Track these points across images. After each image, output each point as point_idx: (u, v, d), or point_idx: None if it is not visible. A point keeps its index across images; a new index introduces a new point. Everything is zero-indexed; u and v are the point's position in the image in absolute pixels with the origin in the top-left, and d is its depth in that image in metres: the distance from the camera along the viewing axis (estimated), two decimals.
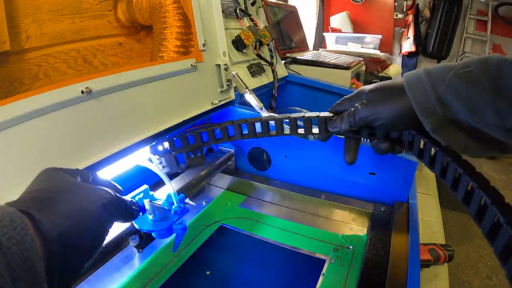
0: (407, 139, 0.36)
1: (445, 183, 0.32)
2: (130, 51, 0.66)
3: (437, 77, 0.31)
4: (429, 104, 0.31)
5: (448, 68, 0.31)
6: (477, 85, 0.29)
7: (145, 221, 0.38)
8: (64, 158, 0.34)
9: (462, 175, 0.28)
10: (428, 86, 0.31)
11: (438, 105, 0.30)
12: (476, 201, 0.27)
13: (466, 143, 0.32)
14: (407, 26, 3.41)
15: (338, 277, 0.46)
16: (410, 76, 0.33)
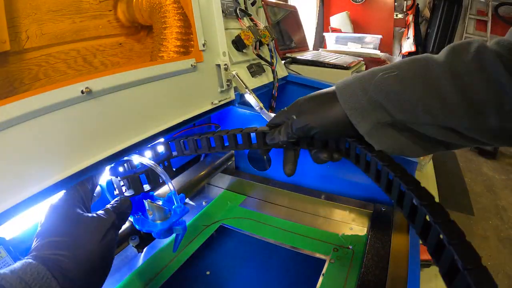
0: (343, 146, 0.37)
1: (380, 187, 0.32)
2: (130, 51, 0.66)
3: (367, 81, 0.31)
4: (361, 109, 0.31)
5: (378, 71, 0.31)
6: (405, 86, 0.29)
7: (145, 221, 0.38)
8: (64, 158, 0.34)
9: (394, 178, 0.29)
10: (359, 91, 0.31)
11: (370, 109, 0.31)
12: (407, 202, 0.28)
13: (403, 145, 0.32)
14: (407, 26, 3.41)
15: (338, 277, 0.46)
16: (341, 83, 0.33)
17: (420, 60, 0.30)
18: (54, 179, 0.33)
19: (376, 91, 0.30)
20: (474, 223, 1.97)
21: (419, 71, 0.29)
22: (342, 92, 0.32)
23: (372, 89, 0.31)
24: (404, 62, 0.31)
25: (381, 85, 0.30)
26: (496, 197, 2.25)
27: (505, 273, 1.59)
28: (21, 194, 0.30)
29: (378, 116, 0.31)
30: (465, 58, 0.28)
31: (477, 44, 0.28)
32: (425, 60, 0.30)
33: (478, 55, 0.28)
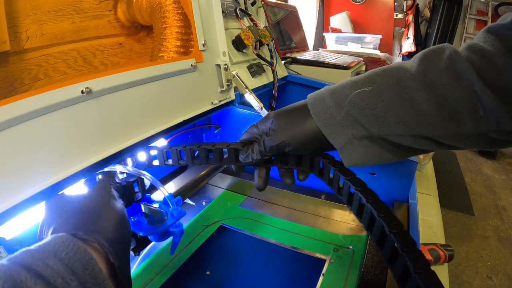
0: (318, 164, 0.37)
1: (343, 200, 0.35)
2: (130, 51, 0.66)
3: (340, 96, 0.31)
4: (337, 125, 0.31)
5: (351, 85, 0.31)
6: (380, 99, 0.29)
7: (141, 224, 0.38)
8: (64, 158, 0.34)
9: (355, 192, 0.32)
10: (333, 107, 0.31)
11: (346, 125, 0.31)
12: (367, 213, 0.30)
13: (376, 156, 0.33)
14: (407, 26, 3.41)
15: (338, 277, 0.46)
16: (313, 98, 0.33)
17: (392, 71, 0.30)
18: (54, 179, 0.33)
19: (351, 107, 0.30)
20: (474, 223, 1.97)
21: (393, 83, 0.29)
22: (315, 108, 0.32)
23: (347, 105, 0.30)
24: (377, 74, 0.31)
25: (355, 100, 0.30)
26: (496, 197, 2.25)
27: (505, 273, 1.59)
28: (21, 194, 0.30)
29: (354, 132, 0.31)
30: (437, 66, 0.28)
31: (449, 51, 0.28)
32: (397, 71, 0.30)
33: (450, 62, 0.28)
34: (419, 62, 0.29)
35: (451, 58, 0.28)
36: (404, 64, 0.30)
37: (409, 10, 3.34)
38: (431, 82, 0.28)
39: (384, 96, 0.29)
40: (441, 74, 0.28)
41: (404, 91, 0.29)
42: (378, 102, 0.30)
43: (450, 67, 0.28)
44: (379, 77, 0.30)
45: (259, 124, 0.37)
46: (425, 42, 3.53)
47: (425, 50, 0.30)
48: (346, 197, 0.34)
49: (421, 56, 0.30)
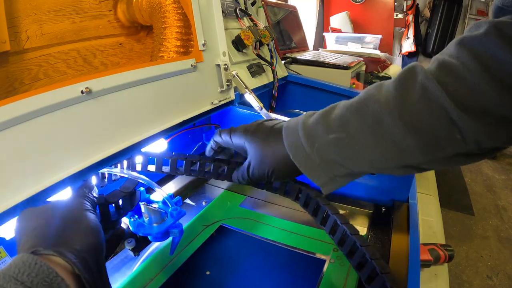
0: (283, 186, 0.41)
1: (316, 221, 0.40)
2: (130, 51, 0.66)
3: (317, 140, 0.31)
4: (317, 167, 0.32)
5: (325, 128, 0.31)
6: (357, 142, 0.30)
7: (141, 224, 0.38)
8: (64, 158, 0.34)
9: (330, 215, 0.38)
10: (311, 153, 0.31)
11: (327, 167, 0.31)
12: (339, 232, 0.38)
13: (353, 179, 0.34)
14: (407, 26, 3.41)
15: (338, 277, 0.46)
16: (291, 141, 0.33)
17: (368, 108, 0.30)
18: (54, 178, 0.33)
19: (330, 152, 0.31)
20: (474, 223, 1.97)
21: (369, 122, 0.29)
22: (294, 152, 0.32)
23: (325, 150, 0.31)
24: (351, 113, 0.30)
25: (332, 146, 0.30)
26: (496, 197, 2.25)
27: (505, 273, 1.59)
28: (21, 194, 0.30)
29: (335, 172, 0.32)
30: (411, 96, 0.28)
31: (421, 77, 0.28)
32: (373, 107, 0.29)
33: (423, 91, 0.27)
34: (394, 92, 0.29)
35: (424, 86, 0.27)
36: (379, 97, 0.30)
37: (409, 10, 3.34)
38: (407, 115, 0.28)
39: (361, 138, 0.29)
40: (415, 106, 0.27)
41: (382, 129, 0.29)
42: (356, 145, 0.30)
43: (423, 96, 0.27)
44: (353, 117, 0.30)
45: (225, 135, 0.38)
46: (425, 42, 3.53)
47: (399, 74, 0.30)
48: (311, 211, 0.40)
49: (395, 84, 0.29)
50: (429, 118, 0.27)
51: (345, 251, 0.37)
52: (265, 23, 1.10)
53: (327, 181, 0.32)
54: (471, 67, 0.26)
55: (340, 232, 0.38)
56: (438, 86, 0.26)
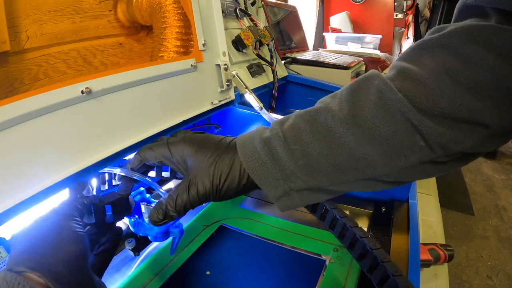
0: None
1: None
2: (130, 51, 0.66)
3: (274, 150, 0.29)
4: (273, 178, 0.29)
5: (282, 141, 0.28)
6: (313, 153, 0.27)
7: (141, 224, 0.38)
8: (64, 158, 0.34)
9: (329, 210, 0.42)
10: (268, 160, 0.29)
11: (282, 179, 0.29)
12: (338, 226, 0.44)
13: (321, 199, 0.31)
14: (407, 26, 3.41)
15: (338, 277, 0.46)
16: (245, 149, 0.30)
17: (319, 120, 0.28)
18: (54, 179, 0.33)
19: (286, 161, 0.28)
20: (474, 223, 1.97)
21: (322, 133, 0.27)
22: (249, 164, 0.29)
23: (281, 160, 0.28)
24: (304, 120, 0.29)
25: (289, 157, 0.28)
26: (496, 197, 2.25)
27: (505, 273, 1.59)
28: (21, 194, 0.30)
29: (291, 185, 0.29)
30: (366, 102, 0.26)
31: (378, 82, 0.26)
32: (325, 118, 0.28)
33: (380, 96, 0.25)
34: (347, 100, 0.27)
35: (381, 91, 0.26)
36: (332, 104, 0.28)
37: (409, 10, 3.34)
38: (362, 121, 0.26)
39: (316, 147, 0.27)
40: (371, 111, 0.25)
41: (335, 137, 0.27)
42: (310, 155, 0.27)
43: (380, 101, 0.25)
44: (306, 125, 0.28)
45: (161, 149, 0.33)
46: None
47: (354, 82, 0.28)
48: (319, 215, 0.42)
49: (348, 92, 0.28)
50: (387, 124, 0.25)
51: (346, 243, 0.37)
52: (265, 23, 1.10)
53: (282, 194, 0.29)
54: (430, 70, 0.25)
55: (339, 225, 0.38)
56: (395, 90, 0.25)
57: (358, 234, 0.37)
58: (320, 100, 0.31)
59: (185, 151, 0.32)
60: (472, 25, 0.25)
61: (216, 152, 0.31)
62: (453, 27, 0.26)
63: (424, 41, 0.27)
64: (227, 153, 0.31)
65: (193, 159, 0.32)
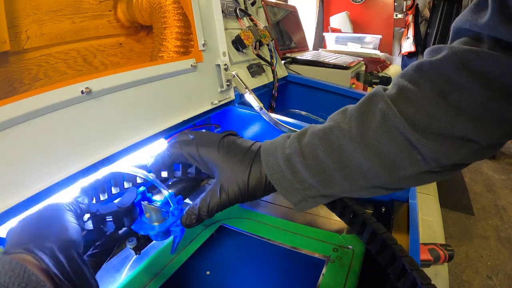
0: None
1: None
2: (130, 51, 0.66)
3: (294, 164, 0.33)
4: (292, 188, 0.34)
5: (299, 155, 0.33)
6: (325, 169, 0.32)
7: (142, 223, 0.37)
8: (64, 158, 0.34)
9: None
10: (288, 174, 0.33)
11: (301, 188, 0.34)
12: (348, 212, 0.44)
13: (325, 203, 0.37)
14: (406, 26, 3.41)
15: (338, 277, 0.46)
16: (270, 164, 0.34)
17: (332, 137, 0.32)
18: (54, 178, 0.33)
19: (304, 174, 0.33)
20: (474, 223, 1.97)
21: (334, 148, 0.31)
22: (273, 173, 0.34)
23: (300, 173, 0.33)
24: (318, 138, 0.32)
25: (306, 169, 0.32)
26: (496, 197, 2.26)
27: (505, 273, 1.59)
28: (21, 194, 0.30)
29: (308, 193, 0.34)
30: (372, 124, 0.30)
31: (381, 104, 0.30)
32: (337, 136, 0.32)
33: (383, 118, 0.29)
34: (356, 119, 0.31)
35: (383, 113, 0.29)
36: (342, 124, 0.32)
37: (408, 10, 3.34)
38: (368, 140, 0.30)
39: (329, 163, 0.32)
40: (375, 132, 0.30)
41: (345, 154, 0.31)
42: (325, 169, 0.32)
43: (383, 124, 0.29)
44: (321, 143, 0.32)
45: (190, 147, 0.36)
46: (424, 42, 3.53)
47: (362, 100, 0.32)
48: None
49: (357, 112, 0.32)
50: (389, 142, 0.29)
51: (355, 229, 0.41)
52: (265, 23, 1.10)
53: (300, 200, 0.34)
54: (428, 93, 0.28)
55: (349, 211, 0.42)
56: (397, 113, 0.29)
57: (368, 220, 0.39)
58: (330, 117, 0.35)
59: (214, 155, 0.35)
60: (465, 51, 0.27)
61: (246, 161, 0.35)
62: (448, 51, 0.28)
63: (423, 64, 0.30)
64: (255, 163, 0.35)
65: (223, 164, 0.35)
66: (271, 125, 0.60)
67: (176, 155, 0.37)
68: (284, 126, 0.59)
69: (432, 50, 0.31)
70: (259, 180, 0.34)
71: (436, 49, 0.30)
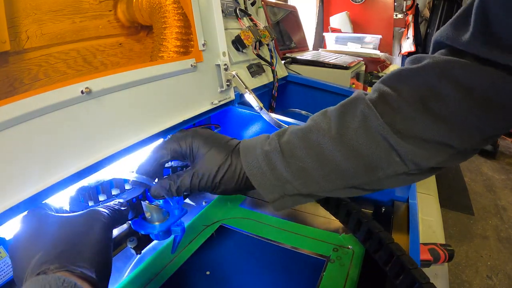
0: None
1: None
2: (130, 51, 0.66)
3: (273, 161, 0.33)
4: (270, 184, 0.34)
5: (279, 154, 0.33)
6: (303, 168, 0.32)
7: (143, 223, 0.38)
8: (64, 158, 0.34)
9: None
10: (267, 171, 0.34)
11: (278, 185, 0.34)
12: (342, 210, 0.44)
13: (303, 203, 0.37)
14: (406, 26, 3.41)
15: (338, 277, 0.46)
16: (248, 159, 0.34)
17: (312, 137, 0.32)
18: (54, 179, 0.33)
19: (282, 172, 0.33)
20: (474, 223, 1.97)
21: (313, 147, 0.32)
22: (250, 169, 0.34)
23: (278, 170, 0.33)
24: (298, 138, 0.33)
25: (285, 167, 0.33)
26: (496, 197, 2.26)
27: (505, 273, 1.59)
28: (21, 194, 0.30)
29: (286, 191, 0.34)
30: (352, 124, 0.31)
31: (362, 106, 0.31)
32: (316, 136, 0.32)
33: (363, 119, 0.30)
34: (336, 121, 0.32)
35: (364, 114, 0.30)
36: (322, 124, 0.33)
37: (408, 10, 3.34)
38: (347, 141, 0.31)
39: (308, 161, 0.32)
40: (355, 132, 0.30)
41: (325, 153, 0.32)
42: (304, 168, 0.33)
43: (364, 124, 0.30)
44: (300, 143, 0.33)
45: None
46: (424, 42, 3.53)
47: (341, 105, 0.33)
48: None
49: (337, 114, 0.32)
50: (368, 143, 0.30)
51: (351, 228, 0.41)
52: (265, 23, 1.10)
53: (278, 198, 0.35)
54: (408, 98, 0.29)
55: (344, 208, 0.42)
56: (377, 115, 0.29)
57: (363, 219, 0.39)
58: (311, 118, 0.35)
59: (194, 144, 0.36)
60: (447, 61, 0.28)
61: (223, 153, 0.36)
62: (430, 60, 0.29)
63: (403, 70, 0.31)
64: (230, 156, 0.36)
65: (200, 153, 0.36)
66: (271, 125, 0.60)
67: (162, 155, 0.37)
68: (285, 126, 0.59)
69: (414, 59, 0.32)
70: (232, 173, 0.35)
71: (417, 58, 0.31)
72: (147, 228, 0.37)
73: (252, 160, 0.34)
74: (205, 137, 0.37)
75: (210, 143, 0.36)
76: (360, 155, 0.30)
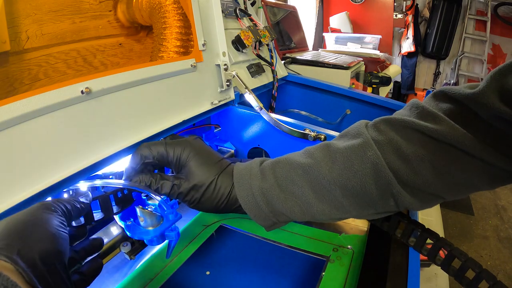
0: None
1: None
2: (130, 51, 0.66)
3: (269, 196, 0.35)
4: (265, 217, 0.36)
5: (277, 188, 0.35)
6: (301, 203, 0.34)
7: (136, 228, 0.37)
8: (64, 158, 0.34)
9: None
10: (263, 205, 0.35)
11: (273, 216, 0.36)
12: None
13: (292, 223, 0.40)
14: (406, 26, 3.41)
15: (338, 277, 0.46)
16: (243, 194, 0.35)
17: (313, 172, 0.34)
18: (54, 178, 0.33)
19: (278, 206, 0.35)
20: (474, 223, 1.97)
21: (313, 186, 0.34)
22: (246, 202, 0.35)
23: (274, 205, 0.35)
24: (297, 175, 0.34)
25: (282, 201, 0.34)
26: (496, 197, 2.26)
27: (505, 272, 1.59)
28: (21, 194, 0.30)
29: (280, 220, 0.37)
30: (360, 168, 0.32)
31: (370, 153, 0.32)
32: (316, 176, 0.33)
33: (373, 168, 0.31)
34: (343, 165, 0.33)
35: (374, 163, 0.31)
36: (323, 165, 0.33)
37: (408, 10, 3.34)
38: (352, 185, 0.32)
39: (306, 197, 0.34)
40: (363, 178, 0.32)
41: (323, 191, 0.33)
42: (301, 206, 0.34)
43: (373, 172, 0.31)
44: (300, 180, 0.34)
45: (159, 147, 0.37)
46: (424, 42, 3.53)
47: (348, 146, 0.33)
48: None
49: (344, 158, 0.33)
50: (371, 188, 0.32)
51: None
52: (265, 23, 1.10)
53: (271, 225, 0.37)
54: (415, 152, 0.31)
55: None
56: (386, 167, 0.31)
57: None
58: (309, 152, 0.36)
59: (183, 156, 0.36)
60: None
61: (211, 173, 0.36)
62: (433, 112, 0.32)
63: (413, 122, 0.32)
64: (217, 178, 0.36)
65: (188, 166, 0.36)
66: (271, 125, 0.60)
67: (146, 155, 0.37)
68: (284, 126, 0.59)
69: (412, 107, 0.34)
70: (215, 195, 0.36)
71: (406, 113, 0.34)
72: (141, 233, 0.36)
73: (247, 194, 0.35)
74: (197, 151, 0.37)
75: (201, 159, 0.36)
76: (358, 197, 0.32)
